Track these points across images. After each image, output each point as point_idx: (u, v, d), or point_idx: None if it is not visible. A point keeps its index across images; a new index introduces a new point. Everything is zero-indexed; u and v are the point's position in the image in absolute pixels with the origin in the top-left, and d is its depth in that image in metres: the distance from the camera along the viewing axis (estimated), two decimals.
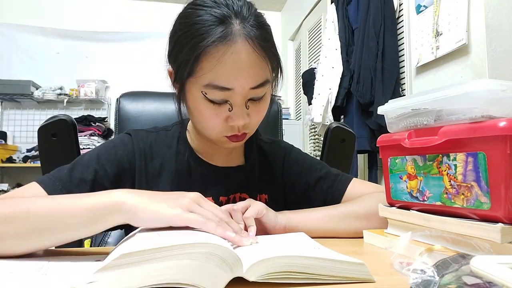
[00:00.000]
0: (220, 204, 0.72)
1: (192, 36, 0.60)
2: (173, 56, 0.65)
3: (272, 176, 0.81)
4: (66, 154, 0.89)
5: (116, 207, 0.47)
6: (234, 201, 0.75)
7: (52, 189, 0.61)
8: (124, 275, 0.34)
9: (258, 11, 0.65)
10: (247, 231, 0.58)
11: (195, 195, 0.51)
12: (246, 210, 0.61)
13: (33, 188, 0.61)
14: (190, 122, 0.78)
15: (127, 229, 0.76)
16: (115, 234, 1.09)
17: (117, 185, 0.68)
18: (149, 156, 0.73)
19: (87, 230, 0.48)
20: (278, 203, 0.79)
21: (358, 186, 0.78)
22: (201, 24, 0.59)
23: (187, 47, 0.60)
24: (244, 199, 0.74)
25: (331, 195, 0.78)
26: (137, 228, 0.50)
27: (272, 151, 0.83)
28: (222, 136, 0.66)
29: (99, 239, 1.11)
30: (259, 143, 0.83)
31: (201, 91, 0.61)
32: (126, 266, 0.35)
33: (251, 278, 0.38)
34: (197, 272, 0.36)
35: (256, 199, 0.76)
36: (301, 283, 0.39)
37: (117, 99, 1.09)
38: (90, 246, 1.16)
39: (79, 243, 0.95)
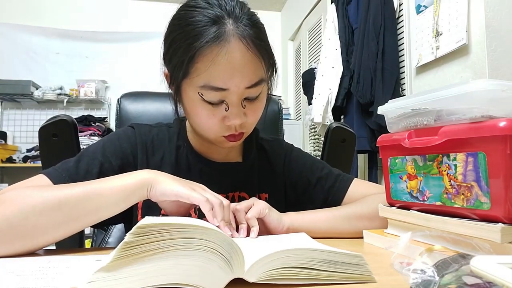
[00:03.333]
0: None
1: (186, 38, 0.60)
2: (168, 58, 0.66)
3: (273, 174, 0.81)
4: (67, 154, 0.89)
5: (143, 183, 0.55)
6: (233, 200, 0.75)
7: (59, 181, 0.62)
8: (124, 275, 0.34)
9: (252, 10, 0.65)
10: (249, 231, 0.59)
11: (200, 184, 0.60)
12: (249, 210, 0.61)
13: (40, 180, 0.62)
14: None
15: (127, 228, 0.76)
16: (115, 234, 1.09)
17: None
18: (151, 150, 0.74)
19: (118, 208, 0.55)
20: (279, 202, 0.79)
21: (360, 187, 0.79)
22: (194, 25, 0.60)
23: (181, 49, 0.61)
24: (244, 198, 0.75)
25: (333, 195, 0.78)
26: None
27: (273, 150, 0.84)
28: (220, 136, 0.67)
29: (99, 239, 1.10)
30: (259, 142, 0.84)
31: (198, 92, 0.62)
32: (125, 266, 0.35)
33: (251, 279, 0.38)
34: (197, 272, 0.36)
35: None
36: (302, 284, 0.39)
37: (118, 99, 1.10)
38: (91, 246, 1.16)
39: (80, 243, 0.95)
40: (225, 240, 0.37)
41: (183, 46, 0.60)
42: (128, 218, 0.70)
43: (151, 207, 0.66)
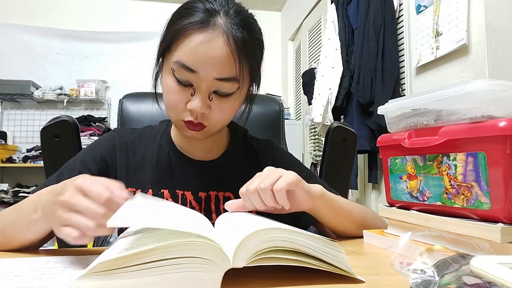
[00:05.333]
0: (199, 200, 0.74)
1: (180, 17, 0.64)
2: (161, 38, 0.69)
3: None
4: (69, 155, 0.89)
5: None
6: (217, 199, 0.75)
7: None
8: (108, 286, 0.34)
9: (254, 21, 0.68)
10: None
11: (79, 181, 0.46)
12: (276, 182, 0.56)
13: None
14: None
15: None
16: (115, 234, 1.09)
17: None
18: (131, 150, 0.76)
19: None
20: None
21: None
22: (190, 9, 0.64)
23: (171, 26, 0.65)
24: (229, 198, 0.75)
25: None
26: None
27: (262, 150, 0.84)
28: (180, 120, 0.67)
29: (101, 238, 1.10)
30: (249, 142, 0.84)
31: (171, 68, 0.64)
32: (109, 275, 0.34)
33: (240, 265, 0.38)
34: (185, 284, 0.35)
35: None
36: (297, 281, 0.39)
37: (120, 100, 1.11)
38: (93, 246, 1.16)
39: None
40: (202, 245, 0.36)
41: (174, 23, 0.65)
42: None
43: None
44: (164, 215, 0.48)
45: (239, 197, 0.75)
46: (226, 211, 0.74)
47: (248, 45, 0.64)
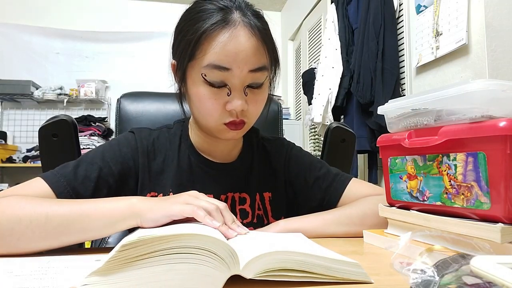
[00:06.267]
0: None
1: (195, 22, 0.64)
2: (176, 45, 0.68)
3: (275, 174, 0.81)
4: (67, 155, 0.89)
5: (132, 213, 0.52)
6: (233, 200, 0.75)
7: (56, 186, 0.61)
8: (117, 280, 0.34)
9: (261, 12, 0.69)
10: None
11: (193, 192, 0.57)
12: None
13: (38, 184, 0.62)
14: (191, 118, 0.78)
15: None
16: (115, 234, 1.09)
17: (121, 182, 0.69)
18: (152, 154, 0.74)
19: (104, 233, 0.54)
20: (281, 202, 0.79)
21: (357, 187, 0.78)
22: (203, 12, 0.64)
23: (189, 33, 0.64)
24: (244, 198, 0.75)
25: (330, 195, 0.78)
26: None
27: (274, 149, 0.84)
28: (221, 124, 0.66)
29: (99, 239, 1.10)
30: (261, 142, 0.84)
31: (201, 74, 0.63)
32: (119, 271, 0.34)
33: (248, 275, 0.38)
34: (192, 276, 0.35)
35: (256, 198, 0.76)
36: (299, 281, 0.39)
37: (118, 99, 1.09)
38: (91, 246, 1.16)
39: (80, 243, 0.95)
40: (216, 241, 0.37)
41: (191, 30, 0.63)
42: None
43: None
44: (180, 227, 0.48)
45: (253, 197, 0.76)
46: (242, 211, 0.74)
47: (267, 31, 0.66)
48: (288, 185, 0.82)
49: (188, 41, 0.63)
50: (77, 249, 0.58)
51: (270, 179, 0.80)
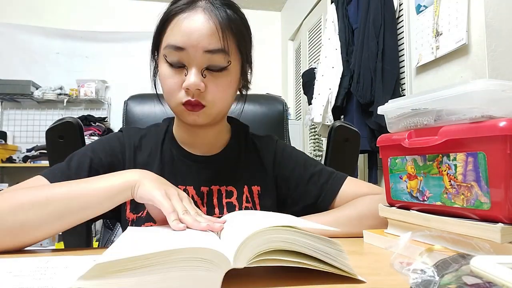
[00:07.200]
0: (201, 194, 0.74)
1: (166, 13, 0.69)
2: (152, 39, 0.72)
3: (263, 169, 0.82)
4: None
5: (128, 185, 0.56)
6: (220, 193, 0.75)
7: (53, 178, 0.66)
8: (110, 286, 0.34)
9: (236, 5, 0.71)
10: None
11: (181, 193, 0.59)
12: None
13: (38, 181, 0.66)
14: None
15: (120, 223, 0.78)
16: (120, 233, 1.09)
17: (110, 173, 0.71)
18: (138, 148, 0.78)
19: (103, 207, 0.57)
20: (271, 196, 0.80)
21: (353, 185, 0.79)
22: (176, 3, 0.69)
23: (160, 22, 0.69)
24: (231, 192, 0.75)
25: (325, 192, 0.78)
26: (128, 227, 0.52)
27: (263, 145, 0.84)
28: (179, 104, 0.68)
29: (105, 238, 1.11)
30: (251, 138, 0.85)
31: (163, 55, 0.67)
32: (110, 276, 0.34)
33: (241, 266, 0.38)
34: (187, 282, 0.35)
35: (243, 191, 0.76)
36: (298, 278, 0.39)
37: (125, 101, 1.12)
38: (98, 246, 1.16)
39: (87, 242, 0.95)
40: (197, 250, 0.36)
41: (161, 20, 0.69)
42: (116, 212, 0.71)
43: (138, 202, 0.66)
44: (162, 238, 0.47)
45: (241, 191, 0.76)
46: (228, 204, 0.74)
47: (231, 21, 0.67)
48: (281, 181, 0.82)
49: (157, 30, 0.69)
50: (77, 249, 0.58)
51: (258, 173, 0.80)
